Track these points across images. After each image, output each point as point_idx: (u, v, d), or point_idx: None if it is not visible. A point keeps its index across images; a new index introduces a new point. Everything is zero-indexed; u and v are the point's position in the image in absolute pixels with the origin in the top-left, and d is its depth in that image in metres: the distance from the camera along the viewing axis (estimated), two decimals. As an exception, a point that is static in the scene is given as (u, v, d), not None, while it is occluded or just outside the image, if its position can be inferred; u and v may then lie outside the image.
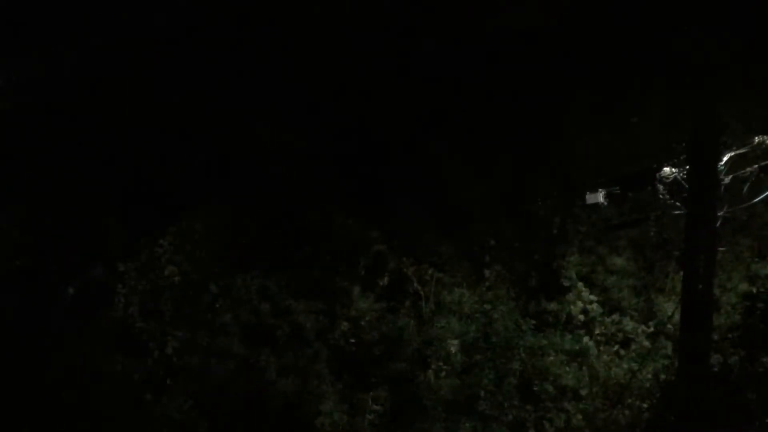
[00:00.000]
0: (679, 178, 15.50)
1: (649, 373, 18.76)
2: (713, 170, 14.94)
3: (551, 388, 19.30)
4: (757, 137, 15.61)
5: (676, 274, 19.48)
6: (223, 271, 19.78)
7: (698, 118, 14.82)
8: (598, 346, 20.05)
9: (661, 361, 18.95)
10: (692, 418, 15.04)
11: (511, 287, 20.73)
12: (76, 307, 19.17)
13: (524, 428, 18.92)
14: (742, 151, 15.49)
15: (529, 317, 20.30)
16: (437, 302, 20.20)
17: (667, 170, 15.47)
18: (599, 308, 20.38)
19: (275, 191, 19.94)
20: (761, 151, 15.72)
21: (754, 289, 18.65)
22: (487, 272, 20.54)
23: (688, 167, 15.15)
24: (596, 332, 20.22)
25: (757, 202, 16.01)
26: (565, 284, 20.55)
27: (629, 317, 20.34)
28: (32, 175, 19.57)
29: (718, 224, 14.93)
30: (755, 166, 15.67)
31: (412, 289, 20.22)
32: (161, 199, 19.77)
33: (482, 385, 19.29)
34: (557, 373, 19.48)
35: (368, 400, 19.16)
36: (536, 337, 20.06)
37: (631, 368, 18.96)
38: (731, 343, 17.77)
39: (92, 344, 18.94)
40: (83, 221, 19.57)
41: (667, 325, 19.47)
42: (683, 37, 15.52)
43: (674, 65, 16.63)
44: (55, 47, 19.81)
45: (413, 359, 19.59)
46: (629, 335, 20.03)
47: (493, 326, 20.06)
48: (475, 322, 20.14)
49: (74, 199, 19.55)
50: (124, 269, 19.29)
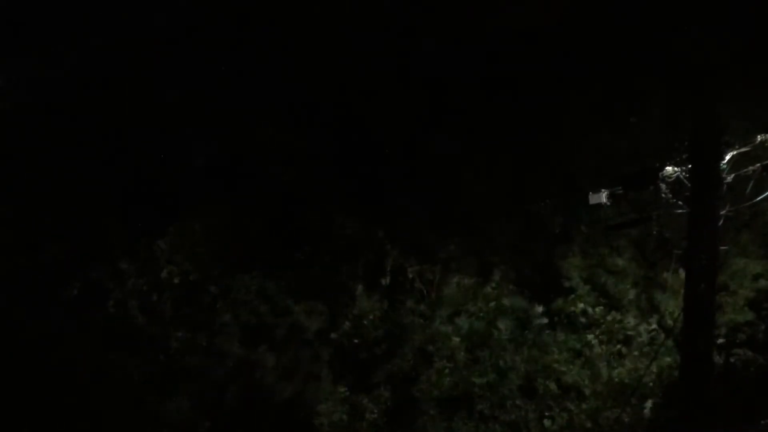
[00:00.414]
0: (681, 177, 15.44)
1: (651, 372, 18.76)
2: (715, 169, 14.89)
3: (554, 386, 19.30)
4: (759, 136, 15.56)
5: (678, 273, 19.50)
6: (223, 271, 19.80)
7: (699, 117, 14.77)
8: (600, 345, 20.07)
9: (663, 360, 18.95)
10: (695, 416, 14.99)
11: (514, 286, 20.75)
12: (76, 306, 19.18)
13: (526, 427, 18.92)
14: (744, 149, 15.44)
15: (532, 316, 20.34)
16: (440, 301, 20.21)
17: (669, 169, 15.40)
18: (602, 307, 20.39)
19: (276, 191, 19.95)
20: (763, 149, 15.68)
21: (757, 287, 18.69)
22: (494, 272, 20.56)
23: (690, 166, 15.10)
24: (598, 331, 20.24)
25: (759, 200, 15.95)
26: (567, 284, 20.56)
27: (632, 316, 20.36)
28: (33, 174, 19.58)
29: (720, 223, 14.88)
30: (758, 164, 15.62)
31: (414, 287, 20.24)
32: (161, 198, 19.78)
33: (485, 384, 19.30)
34: (561, 370, 19.50)
35: (369, 399, 19.16)
36: (540, 335, 20.09)
37: (633, 367, 18.95)
38: (734, 342, 17.79)
39: (92, 344, 18.96)
40: (83, 221, 19.57)
41: (669, 323, 19.47)
42: (683, 36, 15.50)
43: (675, 65, 16.62)
44: (55, 47, 19.81)
45: (416, 358, 19.60)
46: (631, 334, 20.05)
47: (496, 325, 20.09)
48: (478, 320, 20.16)
49: (74, 198, 19.55)
50: (124, 269, 19.32)
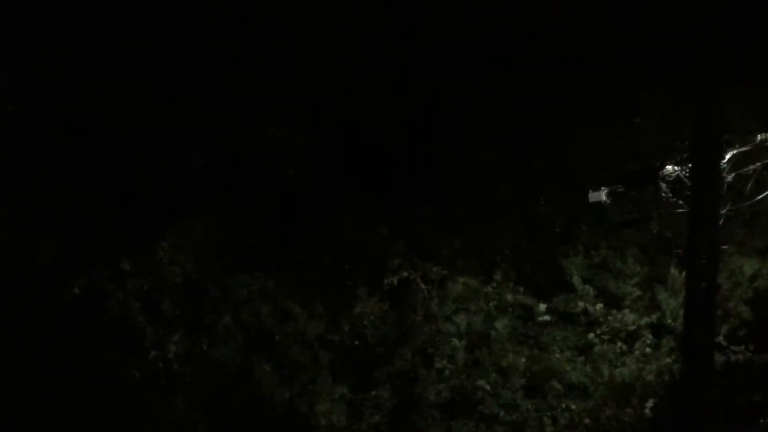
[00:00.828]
0: (681, 176, 15.45)
1: (652, 370, 18.76)
2: (715, 168, 14.89)
3: (556, 386, 19.30)
4: (759, 135, 15.59)
5: (679, 272, 19.50)
6: (224, 271, 19.77)
7: (700, 116, 14.76)
8: (601, 344, 20.06)
9: (664, 359, 18.94)
10: (695, 416, 14.99)
11: (516, 285, 20.74)
12: (76, 307, 19.19)
13: (528, 427, 18.91)
14: (744, 148, 15.46)
15: (534, 315, 20.34)
16: (441, 301, 20.18)
17: (669, 168, 15.43)
18: (603, 306, 20.38)
19: (277, 190, 19.96)
20: (764, 148, 15.70)
21: (758, 286, 18.70)
22: (495, 271, 20.54)
23: (690, 165, 15.10)
24: (600, 330, 20.23)
25: (760, 199, 15.98)
26: (569, 283, 20.56)
27: (634, 316, 20.34)
28: (33, 174, 19.60)
29: (720, 222, 14.88)
30: (758, 163, 15.64)
31: (415, 287, 20.20)
32: (162, 198, 19.78)
33: (486, 384, 19.29)
34: (563, 370, 19.49)
35: (370, 400, 19.15)
36: (541, 335, 20.09)
37: (634, 366, 18.95)
38: (735, 341, 17.78)
39: (92, 345, 18.97)
40: (84, 221, 19.58)
41: (670, 323, 19.47)
42: (684, 35, 15.50)
43: (675, 64, 16.64)
44: (55, 47, 19.83)
45: (416, 359, 19.58)
46: (632, 334, 20.04)
47: (497, 324, 20.08)
48: (480, 320, 20.15)
49: (75, 198, 19.57)
50: (125, 270, 19.31)
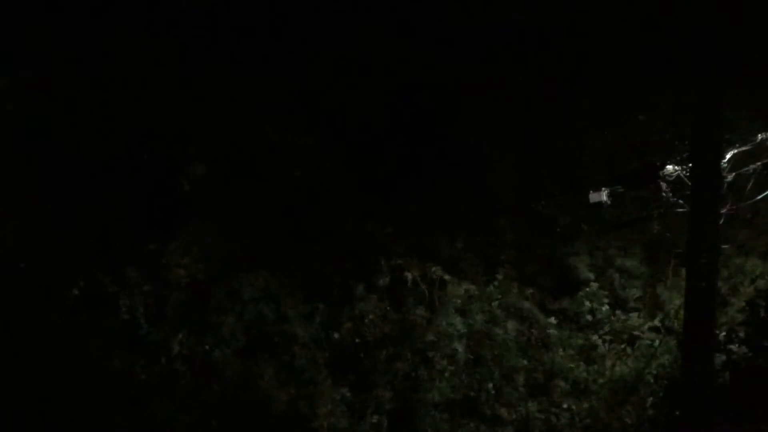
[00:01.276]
0: (682, 175, 15.44)
1: (653, 370, 18.76)
2: (716, 168, 14.87)
3: (559, 386, 19.31)
4: (760, 134, 15.57)
5: (680, 271, 19.48)
6: (228, 271, 19.79)
7: (700, 115, 14.76)
8: (604, 343, 20.07)
9: (664, 358, 18.94)
10: (696, 415, 14.99)
11: (519, 285, 20.73)
12: (79, 309, 19.20)
13: (529, 427, 18.92)
14: (745, 148, 15.45)
15: (537, 315, 20.33)
16: (443, 301, 20.15)
17: (669, 168, 15.41)
18: (607, 306, 20.37)
19: (279, 190, 19.98)
20: (764, 148, 15.68)
21: (758, 286, 18.67)
22: (498, 270, 20.52)
23: (690, 165, 15.08)
24: (602, 331, 20.22)
25: (760, 199, 15.95)
26: (573, 282, 20.55)
27: (636, 315, 20.34)
28: (38, 175, 19.63)
29: (721, 221, 14.87)
30: (758, 163, 15.62)
31: (417, 287, 20.18)
32: (169, 199, 19.81)
33: (488, 384, 19.28)
34: (565, 370, 19.49)
35: (370, 401, 19.14)
36: (544, 335, 20.08)
37: (637, 366, 18.95)
38: (736, 340, 17.76)
39: (96, 347, 18.99)
40: (88, 222, 19.61)
41: (672, 322, 19.45)
42: (686, 34, 15.50)
43: (676, 63, 16.64)
44: (57, 47, 19.86)
45: (418, 359, 19.57)
46: (635, 333, 20.03)
47: (500, 324, 20.06)
48: (482, 320, 20.13)
49: (80, 199, 19.59)
50: (130, 271, 19.32)
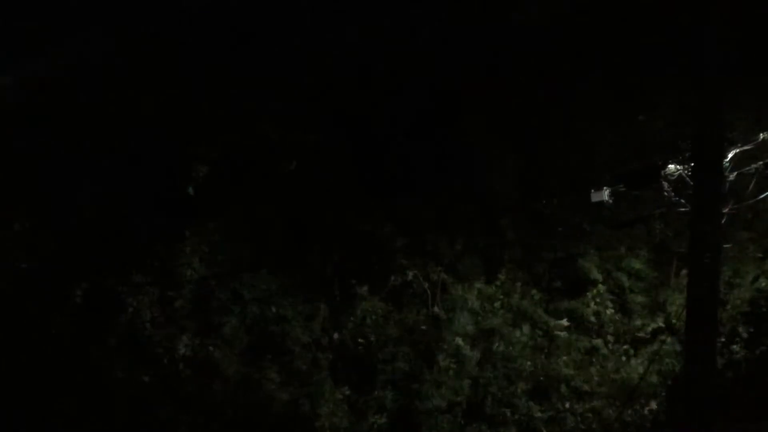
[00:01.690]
0: (684, 175, 15.38)
1: (656, 371, 18.73)
2: (718, 167, 14.83)
3: (563, 387, 19.26)
4: (762, 134, 15.53)
5: (681, 271, 19.47)
6: (233, 272, 19.78)
7: (702, 115, 14.72)
8: (606, 345, 20.02)
9: (667, 359, 18.91)
10: (698, 415, 14.95)
11: (522, 286, 20.69)
12: (84, 310, 19.18)
13: (532, 428, 18.89)
14: (747, 147, 15.40)
15: (541, 316, 20.28)
16: (445, 301, 20.12)
17: (671, 167, 15.36)
18: (612, 308, 20.32)
19: (282, 190, 19.97)
20: (766, 147, 15.65)
21: (759, 286, 18.65)
22: (499, 270, 20.47)
23: (692, 164, 15.03)
24: (608, 332, 20.17)
25: (762, 198, 15.92)
26: (578, 283, 20.50)
27: (639, 316, 20.29)
28: (40, 176, 19.62)
29: (723, 221, 14.82)
30: (760, 162, 15.58)
31: (419, 287, 20.14)
32: (173, 200, 19.81)
33: (492, 385, 19.24)
34: (569, 372, 19.44)
35: (373, 402, 19.11)
36: (548, 336, 20.03)
37: (640, 368, 18.92)
38: (737, 340, 17.76)
39: (98, 348, 18.98)
40: (92, 224, 19.60)
41: (674, 323, 19.39)
42: (687, 35, 15.47)
43: (678, 62, 16.62)
44: (61, 47, 19.86)
45: (420, 360, 19.54)
46: (639, 335, 19.99)
47: (504, 325, 20.02)
48: (485, 321, 20.09)
49: (83, 201, 19.58)
50: (136, 272, 19.30)
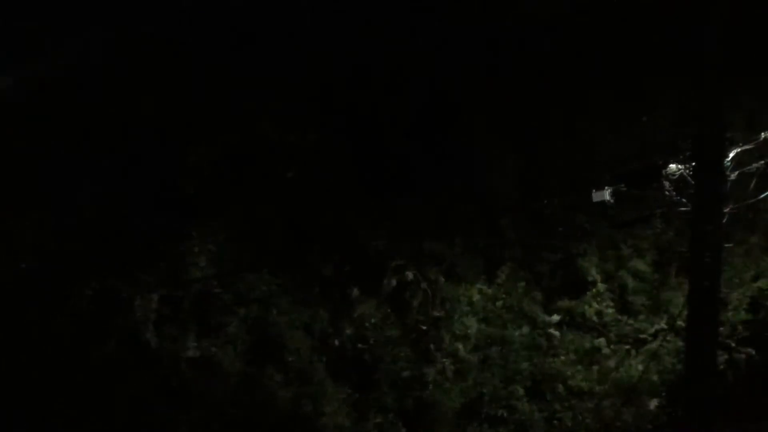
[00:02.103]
0: (685, 174, 15.38)
1: (656, 370, 18.74)
2: (719, 167, 14.84)
3: (562, 388, 19.27)
4: (763, 133, 15.52)
5: (683, 271, 19.46)
6: (235, 273, 19.81)
7: (703, 114, 14.73)
8: (609, 344, 20.01)
9: (668, 358, 18.92)
10: (700, 415, 14.95)
11: (522, 285, 20.68)
12: (87, 311, 19.20)
13: (532, 428, 18.89)
14: (748, 147, 15.40)
15: (541, 317, 20.28)
16: (445, 302, 20.09)
17: (672, 167, 15.34)
18: (613, 309, 20.31)
19: (280, 191, 19.98)
20: (767, 146, 15.65)
21: (762, 285, 18.68)
22: (501, 269, 20.45)
23: (693, 164, 15.04)
24: (610, 333, 20.16)
25: (763, 198, 15.91)
26: (579, 283, 20.49)
27: (640, 316, 20.27)
28: (43, 175, 19.66)
29: (724, 220, 14.83)
30: (761, 162, 15.59)
31: (418, 288, 20.11)
32: (175, 200, 19.83)
33: (491, 386, 19.24)
34: (569, 374, 19.43)
35: (374, 402, 19.12)
36: (548, 336, 20.03)
37: (640, 367, 18.92)
38: (738, 340, 17.78)
39: (101, 349, 19.01)
40: (95, 224, 19.62)
41: (676, 322, 19.38)
42: (687, 33, 15.48)
43: (679, 61, 16.62)
44: (66, 45, 19.89)
45: (421, 360, 19.53)
46: (641, 335, 19.98)
47: (503, 326, 20.01)
48: (484, 321, 20.08)
49: (86, 200, 19.61)
50: (141, 273, 19.33)
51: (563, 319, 20.16)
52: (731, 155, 15.07)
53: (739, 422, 16.70)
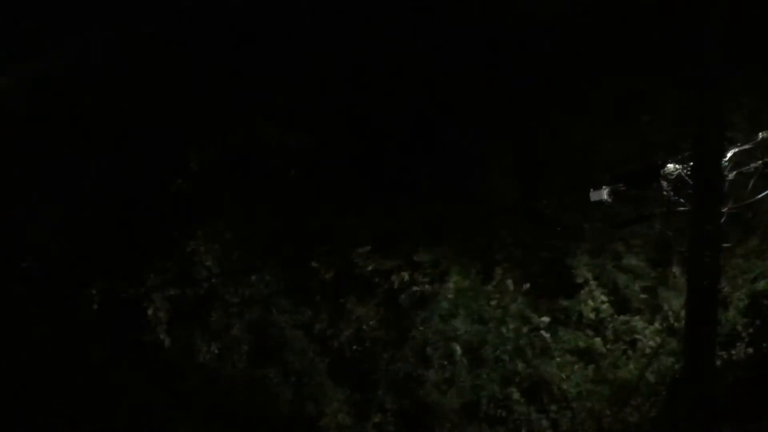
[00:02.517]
0: (683, 174, 15.37)
1: (654, 370, 18.73)
2: (717, 166, 14.82)
3: (558, 388, 19.26)
4: (761, 133, 15.52)
5: (681, 271, 19.47)
6: (239, 272, 19.82)
7: (701, 114, 14.71)
8: (605, 344, 19.99)
9: (666, 359, 18.91)
10: (698, 416, 14.94)
11: (518, 285, 20.67)
12: (85, 310, 19.22)
13: (529, 429, 18.88)
14: (746, 146, 15.39)
15: (537, 316, 20.26)
16: (441, 302, 20.08)
17: (671, 167, 15.33)
18: (609, 308, 20.30)
19: (277, 192, 19.99)
20: (766, 146, 15.65)
21: (759, 286, 18.67)
22: (496, 269, 20.44)
23: (692, 163, 15.03)
24: (606, 332, 20.14)
25: (761, 198, 15.90)
26: (576, 282, 20.49)
27: (638, 316, 20.27)
28: (44, 175, 19.69)
29: (722, 220, 14.82)
30: (760, 161, 15.58)
31: (413, 289, 20.10)
32: (175, 200, 19.85)
33: (487, 386, 19.23)
34: (564, 374, 19.42)
35: (374, 402, 19.14)
36: (543, 337, 20.01)
37: (637, 367, 18.90)
38: (737, 340, 17.77)
39: (100, 349, 19.03)
40: (96, 224, 19.65)
41: (673, 323, 19.40)
42: (686, 33, 15.48)
43: (678, 61, 16.62)
44: (66, 45, 19.93)
45: (416, 362, 19.53)
46: (638, 335, 19.97)
47: (498, 325, 20.00)
48: (480, 321, 20.07)
49: (86, 200, 19.65)
50: (149, 273, 19.34)
51: (559, 318, 20.13)
52: (729, 155, 15.07)
53: (739, 422, 16.69)
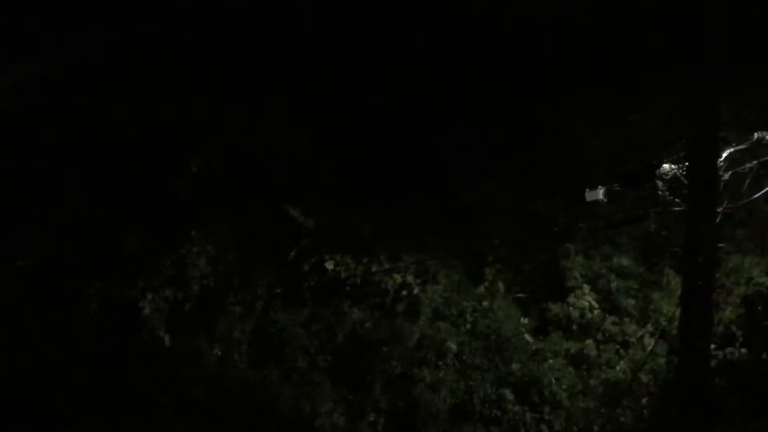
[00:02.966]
0: (678, 174, 15.38)
1: (647, 371, 18.71)
2: (712, 166, 14.83)
3: (550, 390, 19.26)
4: (756, 133, 15.52)
5: (676, 271, 19.45)
6: (237, 273, 19.86)
7: (696, 114, 14.73)
8: (597, 346, 19.98)
9: (659, 359, 18.90)
10: (692, 416, 14.95)
11: (512, 287, 20.67)
12: (86, 310, 19.28)
13: (523, 429, 18.89)
14: (741, 147, 15.39)
15: (529, 318, 20.27)
16: (434, 303, 20.08)
17: (666, 167, 15.34)
18: (599, 310, 20.28)
19: (267, 188, 20.03)
20: (761, 146, 15.64)
21: (754, 285, 18.66)
22: (486, 271, 20.44)
23: (687, 163, 15.05)
24: (597, 334, 20.13)
25: (756, 198, 15.91)
26: (567, 284, 20.48)
27: (630, 317, 20.25)
28: (44, 176, 19.74)
29: (717, 220, 14.83)
30: (755, 161, 15.58)
31: (408, 291, 20.11)
32: (174, 201, 19.89)
33: (480, 387, 19.24)
34: (556, 376, 19.42)
35: (370, 402, 19.16)
36: (536, 339, 20.01)
37: (630, 368, 18.90)
38: (732, 340, 17.76)
39: (100, 349, 19.08)
40: (96, 224, 19.69)
41: (666, 324, 19.37)
42: (682, 33, 15.50)
43: (673, 61, 16.64)
44: (66, 45, 19.98)
45: (410, 363, 19.54)
46: (629, 337, 19.95)
47: (491, 327, 20.00)
48: (473, 323, 20.07)
49: (86, 200, 19.69)
50: (146, 275, 19.39)
51: (552, 319, 20.14)
52: (724, 155, 15.08)
53: (733, 422, 16.68)
